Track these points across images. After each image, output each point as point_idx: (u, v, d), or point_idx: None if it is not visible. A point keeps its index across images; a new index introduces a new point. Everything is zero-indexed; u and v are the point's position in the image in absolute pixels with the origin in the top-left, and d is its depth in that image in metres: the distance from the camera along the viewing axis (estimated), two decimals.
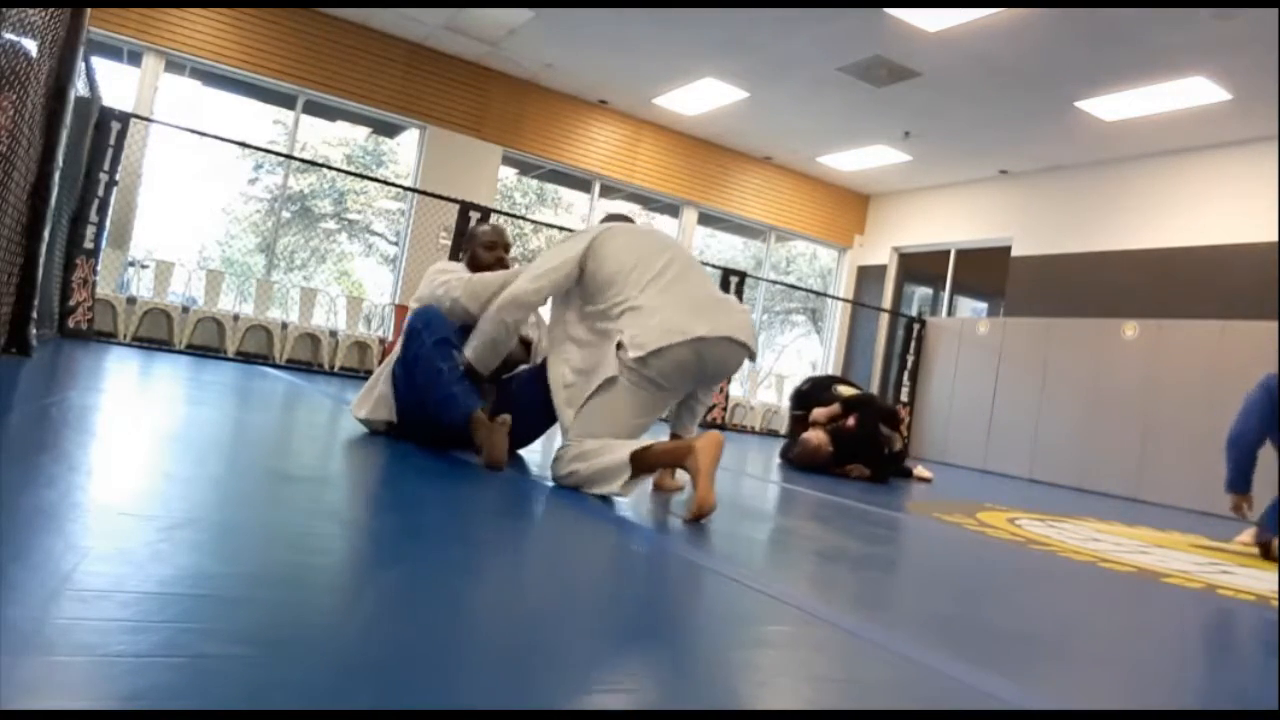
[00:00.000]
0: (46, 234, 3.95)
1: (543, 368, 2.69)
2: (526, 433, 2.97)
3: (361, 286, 12.58)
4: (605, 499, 2.26)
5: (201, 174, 10.92)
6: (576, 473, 2.33)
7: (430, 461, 2.52)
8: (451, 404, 2.59)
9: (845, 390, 5.20)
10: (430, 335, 2.70)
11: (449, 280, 2.89)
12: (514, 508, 1.99)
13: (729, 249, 13.54)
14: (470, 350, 2.68)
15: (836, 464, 4.66)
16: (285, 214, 11.08)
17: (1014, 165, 9.84)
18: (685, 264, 2.57)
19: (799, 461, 4.72)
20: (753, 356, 2.51)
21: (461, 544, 1.52)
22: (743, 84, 8.73)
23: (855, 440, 4.69)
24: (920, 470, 5.64)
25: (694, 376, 2.49)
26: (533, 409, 2.78)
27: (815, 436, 4.66)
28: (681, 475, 2.68)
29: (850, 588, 1.73)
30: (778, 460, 5.15)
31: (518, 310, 2.56)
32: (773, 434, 9.85)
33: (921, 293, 11.85)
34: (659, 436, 2.45)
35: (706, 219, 11.35)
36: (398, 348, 2.87)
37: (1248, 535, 4.30)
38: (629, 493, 2.27)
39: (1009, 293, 9.94)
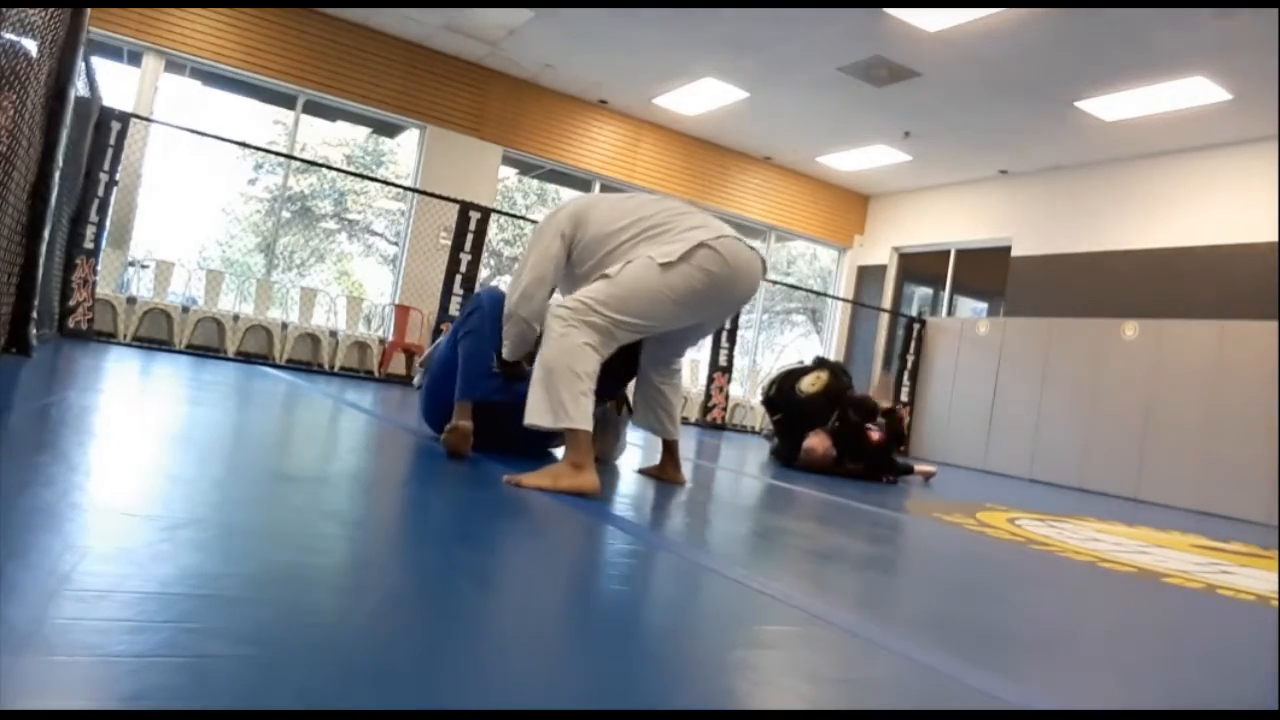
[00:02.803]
0: (46, 234, 3.95)
1: None
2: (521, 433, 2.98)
3: (361, 287, 12.57)
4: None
5: (201, 174, 10.91)
6: (549, 350, 2.32)
7: (430, 461, 2.53)
8: (465, 385, 2.72)
9: (809, 385, 5.00)
10: (492, 318, 2.80)
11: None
12: (513, 509, 1.99)
13: None
14: (504, 350, 2.73)
15: (838, 464, 4.67)
16: (285, 214, 11.07)
17: (1014, 165, 9.84)
18: (679, 205, 2.70)
19: (804, 465, 4.71)
20: (764, 268, 2.69)
21: (461, 544, 1.52)
22: (743, 84, 8.73)
23: (850, 439, 4.69)
24: (922, 466, 5.62)
25: (715, 296, 2.55)
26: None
27: (820, 444, 4.65)
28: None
29: (850, 588, 1.73)
30: (769, 457, 5.15)
31: (528, 302, 2.59)
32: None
33: (921, 293, 11.84)
34: (653, 444, 2.44)
35: None
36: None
37: None
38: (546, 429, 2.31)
39: (1009, 293, 9.94)
